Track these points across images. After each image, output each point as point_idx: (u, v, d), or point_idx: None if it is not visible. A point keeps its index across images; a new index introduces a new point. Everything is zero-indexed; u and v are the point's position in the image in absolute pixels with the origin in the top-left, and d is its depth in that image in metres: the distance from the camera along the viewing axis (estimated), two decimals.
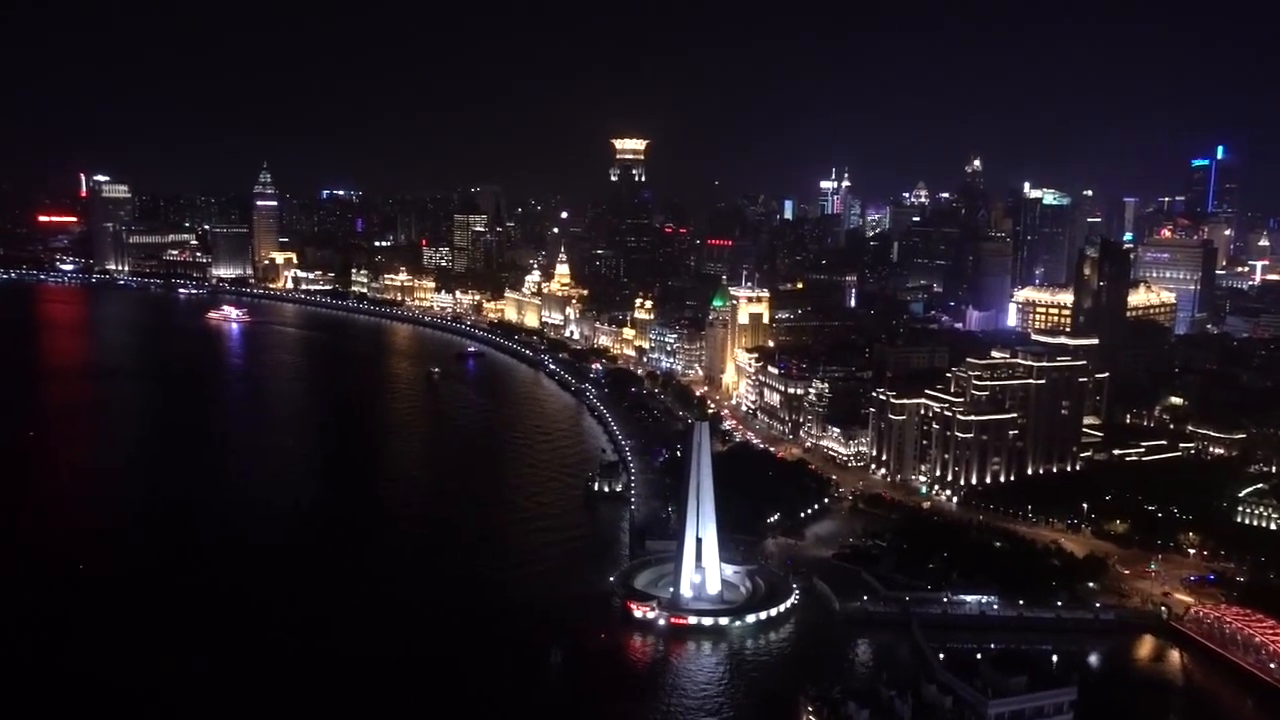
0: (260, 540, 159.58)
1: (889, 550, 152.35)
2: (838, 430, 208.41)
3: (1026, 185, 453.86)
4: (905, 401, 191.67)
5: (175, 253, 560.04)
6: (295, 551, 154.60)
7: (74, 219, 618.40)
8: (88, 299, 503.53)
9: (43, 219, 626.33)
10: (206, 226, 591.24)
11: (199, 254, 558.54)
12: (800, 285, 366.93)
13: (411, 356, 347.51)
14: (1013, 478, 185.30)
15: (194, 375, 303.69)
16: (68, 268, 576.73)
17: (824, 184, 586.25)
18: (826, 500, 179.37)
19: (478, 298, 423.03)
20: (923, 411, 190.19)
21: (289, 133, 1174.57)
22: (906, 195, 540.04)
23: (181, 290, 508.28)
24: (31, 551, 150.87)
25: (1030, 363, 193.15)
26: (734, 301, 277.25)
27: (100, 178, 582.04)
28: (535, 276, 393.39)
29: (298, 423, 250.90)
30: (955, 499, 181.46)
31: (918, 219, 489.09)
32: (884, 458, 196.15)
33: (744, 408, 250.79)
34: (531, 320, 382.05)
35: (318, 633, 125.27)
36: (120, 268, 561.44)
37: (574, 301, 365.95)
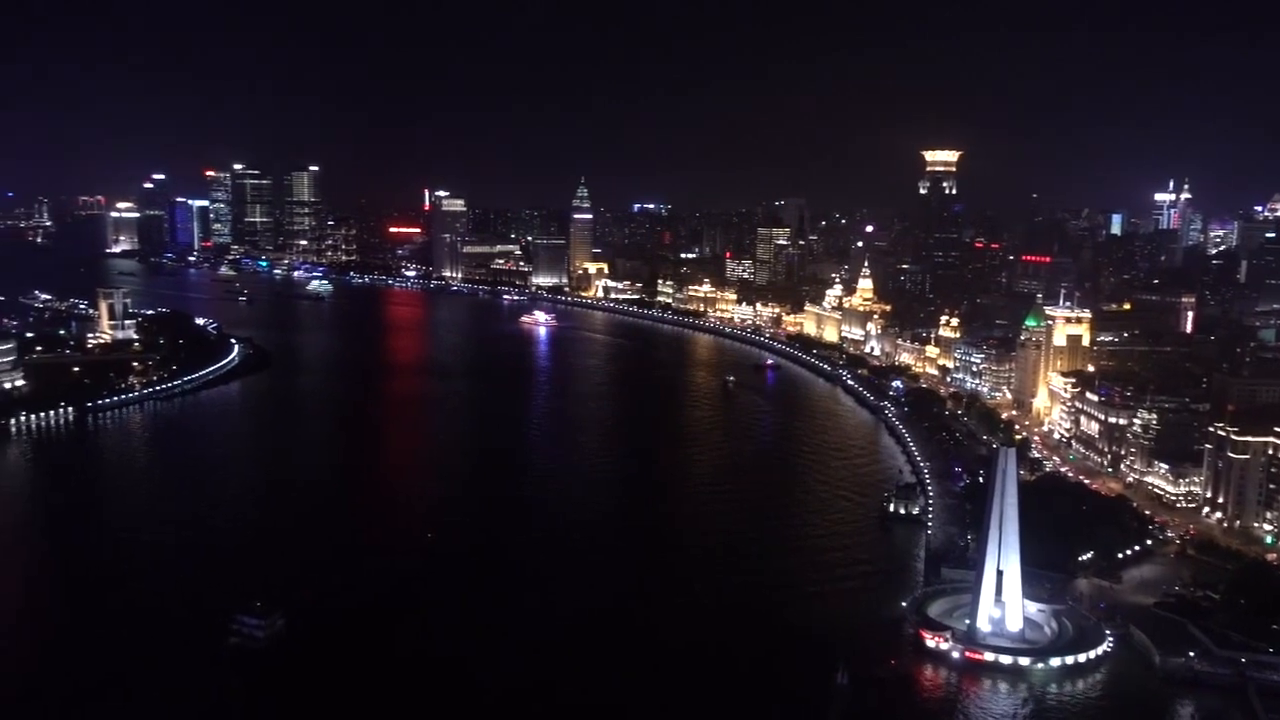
0: (557, 535, 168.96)
1: (1223, 604, 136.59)
2: (1165, 466, 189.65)
3: None
4: (1251, 439, 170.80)
5: (501, 262, 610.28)
6: (587, 552, 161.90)
7: (417, 230, 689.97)
8: (425, 302, 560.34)
9: (392, 230, 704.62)
10: (529, 238, 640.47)
11: (521, 263, 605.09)
12: (1127, 306, 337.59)
13: (710, 366, 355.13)
14: None
15: (511, 375, 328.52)
16: (410, 274, 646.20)
17: (1159, 196, 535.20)
18: (1149, 542, 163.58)
19: (778, 310, 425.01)
20: (1272, 452, 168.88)
21: (607, 150, 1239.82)
22: (1259, 209, 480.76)
23: (505, 297, 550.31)
24: (390, 523, 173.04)
25: None
26: (1050, 322, 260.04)
27: (441, 193, 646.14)
28: (836, 291, 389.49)
29: (598, 424, 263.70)
30: None
31: (1273, 235, 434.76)
32: (1220, 500, 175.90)
33: (1056, 436, 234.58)
34: (831, 335, 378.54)
35: (605, 640, 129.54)
36: (454, 274, 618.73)
37: (876, 317, 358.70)
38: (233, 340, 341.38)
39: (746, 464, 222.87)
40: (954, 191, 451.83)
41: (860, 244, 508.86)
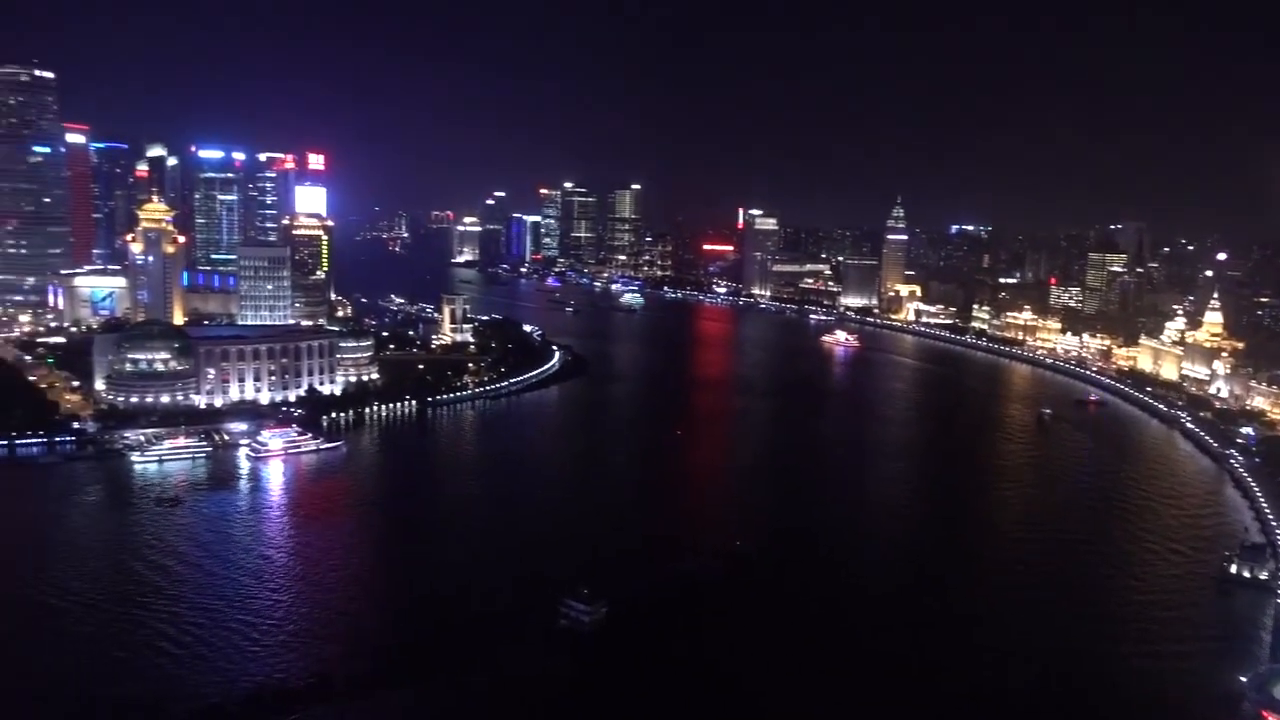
0: (849, 560, 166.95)
1: None
2: None
3: None
4: None
5: (810, 281, 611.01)
6: (879, 584, 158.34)
7: (730, 248, 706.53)
8: (733, 318, 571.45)
9: (706, 247, 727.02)
10: (840, 258, 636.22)
11: (830, 283, 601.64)
12: None
13: (1025, 398, 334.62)
14: None
15: (814, 394, 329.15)
16: (721, 290, 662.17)
17: None
18: None
19: (1107, 343, 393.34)
20: None
21: (926, 169, 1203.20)
22: None
23: (812, 316, 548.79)
24: (695, 529, 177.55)
25: None
26: None
27: (754, 212, 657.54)
28: (1178, 324, 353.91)
29: (900, 450, 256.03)
30: None
31: None
32: None
33: None
34: (1169, 372, 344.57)
35: (896, 681, 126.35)
36: (763, 292, 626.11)
37: (1225, 355, 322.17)
38: (554, 347, 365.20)
39: (1060, 505, 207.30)
40: None
41: (1210, 273, 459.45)
